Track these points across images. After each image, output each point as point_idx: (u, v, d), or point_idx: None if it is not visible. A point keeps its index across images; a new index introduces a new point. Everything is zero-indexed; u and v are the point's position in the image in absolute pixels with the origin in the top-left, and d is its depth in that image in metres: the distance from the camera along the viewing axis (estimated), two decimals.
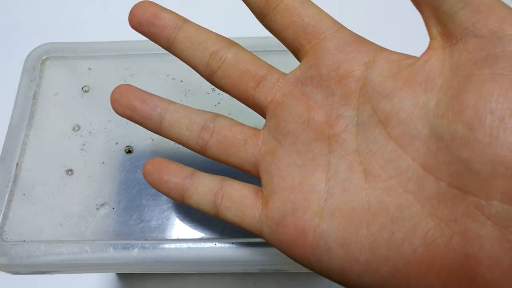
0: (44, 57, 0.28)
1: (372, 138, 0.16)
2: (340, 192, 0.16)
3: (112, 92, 0.20)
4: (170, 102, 0.20)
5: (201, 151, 0.20)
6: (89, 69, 0.28)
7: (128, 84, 0.20)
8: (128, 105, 0.20)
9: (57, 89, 0.27)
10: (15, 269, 0.23)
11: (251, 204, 0.19)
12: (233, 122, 0.20)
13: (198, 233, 0.23)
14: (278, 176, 0.18)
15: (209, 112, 0.20)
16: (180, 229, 0.23)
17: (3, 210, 0.23)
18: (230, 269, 0.24)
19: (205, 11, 0.44)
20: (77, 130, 0.26)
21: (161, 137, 0.20)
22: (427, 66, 0.15)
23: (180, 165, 0.20)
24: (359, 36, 0.18)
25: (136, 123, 0.20)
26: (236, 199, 0.19)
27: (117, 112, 0.20)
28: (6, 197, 0.24)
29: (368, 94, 0.16)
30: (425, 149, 0.15)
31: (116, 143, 0.25)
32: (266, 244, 0.23)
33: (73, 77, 0.27)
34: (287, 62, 0.19)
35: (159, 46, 0.20)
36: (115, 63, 0.28)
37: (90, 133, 0.26)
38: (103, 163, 0.25)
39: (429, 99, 0.15)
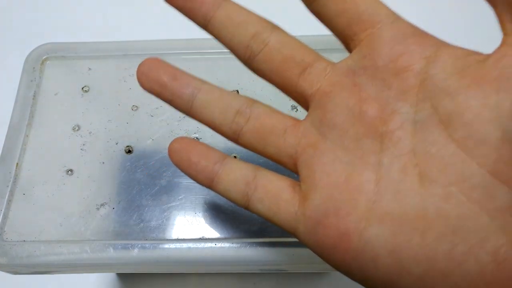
0: (44, 57, 0.28)
1: (430, 139, 0.14)
2: (392, 195, 0.15)
3: (140, 65, 0.18)
4: (204, 81, 0.19)
5: (234, 138, 0.18)
6: (89, 69, 0.28)
7: (157, 58, 0.18)
8: (157, 80, 0.18)
9: (57, 89, 0.27)
10: (15, 269, 0.23)
11: (287, 199, 0.17)
12: (271, 109, 0.18)
13: (198, 233, 0.23)
14: (320, 171, 0.16)
15: (245, 96, 0.19)
16: (180, 229, 0.23)
17: (3, 210, 0.23)
18: (230, 269, 0.24)
19: None
20: (77, 130, 0.26)
21: (162, 137, 0.20)
22: (501, 64, 0.14)
23: (210, 148, 0.19)
24: (419, 29, 0.16)
25: (165, 100, 0.18)
26: (271, 192, 0.17)
27: (144, 87, 0.18)
28: (6, 197, 0.24)
29: (429, 91, 0.15)
30: (495, 155, 0.13)
31: (116, 143, 0.25)
32: (266, 244, 0.23)
33: (73, 77, 0.27)
34: None
35: (159, 46, 0.20)
36: (115, 63, 0.28)
37: (90, 133, 0.26)
38: (103, 163, 0.25)
39: (502, 100, 0.13)
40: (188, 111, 0.18)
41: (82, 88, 0.27)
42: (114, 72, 0.27)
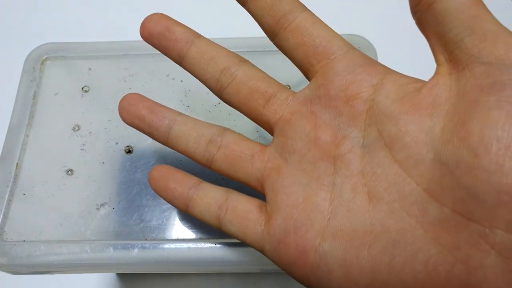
0: (44, 57, 0.28)
1: (377, 160, 0.16)
2: (344, 213, 0.16)
3: (121, 101, 0.20)
4: (179, 113, 0.20)
5: (207, 164, 0.20)
6: (89, 69, 0.28)
7: (137, 93, 0.20)
8: (136, 114, 0.20)
9: (57, 89, 0.27)
10: (15, 269, 0.23)
11: (254, 219, 0.18)
12: (240, 137, 0.20)
13: (198, 233, 0.23)
14: (282, 193, 0.18)
15: (217, 125, 0.20)
16: (180, 229, 0.23)
17: (3, 210, 0.23)
18: (230, 269, 0.24)
19: (206, 11, 0.44)
20: (77, 130, 0.26)
21: None
22: (434, 92, 0.15)
23: (187, 174, 0.20)
24: (369, 58, 0.18)
25: (144, 133, 0.20)
26: (240, 213, 0.19)
27: (125, 121, 0.20)
28: (6, 197, 0.24)
29: (375, 116, 0.16)
30: (429, 174, 0.14)
31: (116, 143, 0.25)
32: None
33: (73, 77, 0.27)
34: (287, 62, 0.19)
35: None
36: (115, 63, 0.28)
37: (90, 133, 0.26)
38: (103, 163, 0.25)
39: (434, 124, 0.15)
40: (165, 142, 0.20)
41: (82, 88, 0.27)
42: (114, 72, 0.27)
